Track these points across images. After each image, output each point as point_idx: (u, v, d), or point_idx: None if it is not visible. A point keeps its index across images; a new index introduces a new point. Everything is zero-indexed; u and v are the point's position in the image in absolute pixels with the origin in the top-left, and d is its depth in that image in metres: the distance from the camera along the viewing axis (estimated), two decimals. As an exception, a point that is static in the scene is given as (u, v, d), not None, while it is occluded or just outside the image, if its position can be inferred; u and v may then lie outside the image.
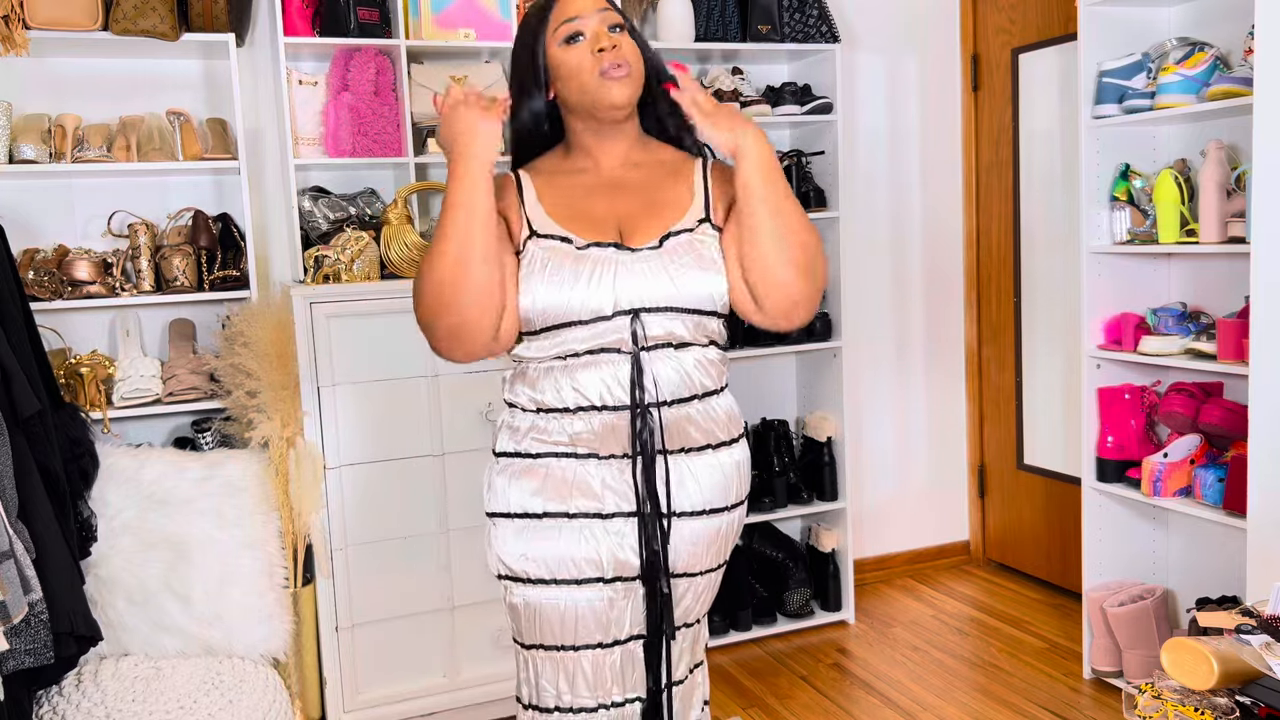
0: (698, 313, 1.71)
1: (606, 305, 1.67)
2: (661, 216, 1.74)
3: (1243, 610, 1.73)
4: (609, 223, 1.73)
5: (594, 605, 1.71)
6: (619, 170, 1.79)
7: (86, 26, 2.75)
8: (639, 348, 1.68)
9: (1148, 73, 2.90)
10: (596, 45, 1.70)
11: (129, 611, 2.46)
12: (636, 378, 1.67)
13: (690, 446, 1.73)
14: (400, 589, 2.91)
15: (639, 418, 1.67)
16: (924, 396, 4.12)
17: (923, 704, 3.05)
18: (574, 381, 1.69)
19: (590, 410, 1.69)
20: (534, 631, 1.75)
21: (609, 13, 1.73)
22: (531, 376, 1.73)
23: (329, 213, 3.06)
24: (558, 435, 1.71)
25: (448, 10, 3.07)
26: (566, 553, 1.70)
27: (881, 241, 3.99)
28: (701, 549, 1.76)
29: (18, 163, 2.75)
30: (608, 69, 1.69)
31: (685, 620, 1.79)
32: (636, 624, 1.73)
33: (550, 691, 1.75)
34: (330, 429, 2.80)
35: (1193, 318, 2.93)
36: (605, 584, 1.71)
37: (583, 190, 1.77)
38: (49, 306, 2.78)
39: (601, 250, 1.69)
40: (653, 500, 1.69)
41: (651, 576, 1.71)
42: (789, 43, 3.47)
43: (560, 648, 1.74)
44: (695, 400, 1.73)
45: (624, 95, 1.71)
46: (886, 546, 4.11)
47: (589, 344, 1.68)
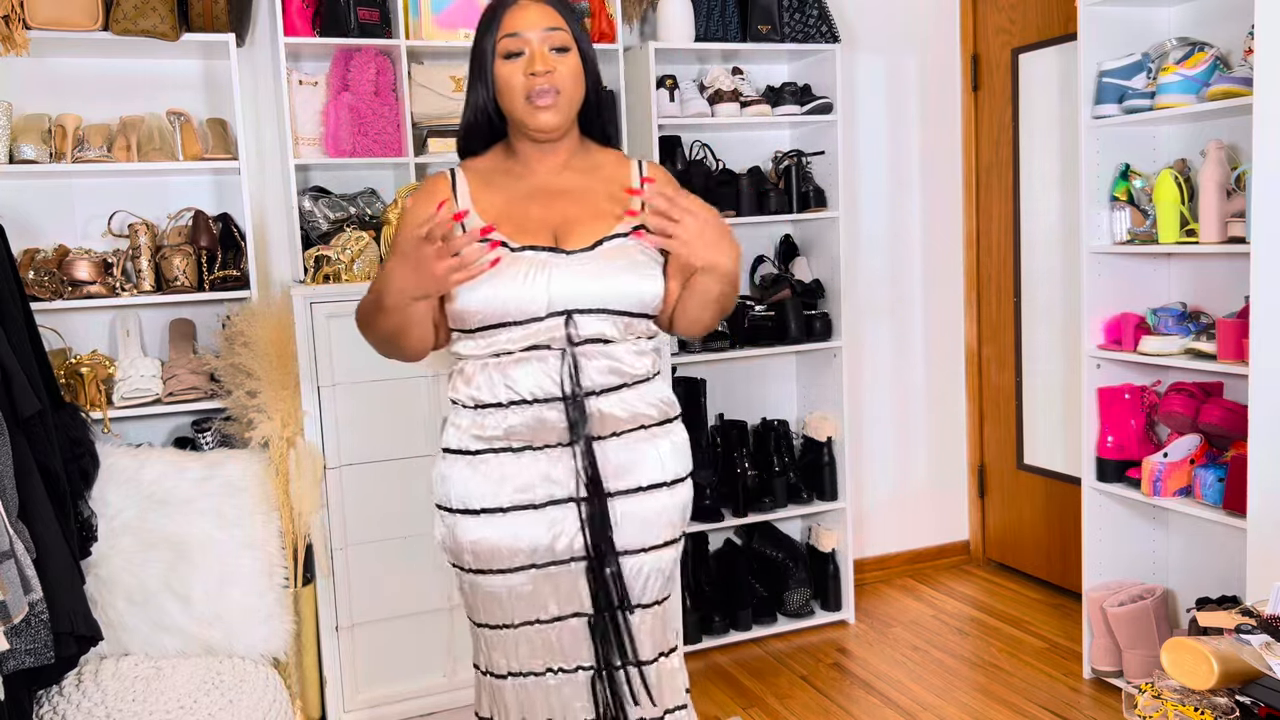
0: (628, 314, 1.78)
1: (540, 306, 1.73)
2: (597, 222, 1.80)
3: (1242, 610, 1.73)
4: (545, 227, 1.78)
5: (527, 589, 1.79)
6: (556, 176, 1.84)
7: (87, 26, 2.76)
8: (572, 345, 1.74)
9: (1148, 73, 2.90)
10: (530, 68, 1.74)
11: (129, 611, 2.46)
12: (571, 374, 1.74)
13: (622, 430, 1.79)
14: (400, 589, 2.91)
15: (573, 409, 1.74)
16: (924, 396, 4.12)
17: (923, 704, 3.05)
18: (506, 378, 1.76)
19: (523, 404, 1.75)
20: (480, 611, 1.84)
21: (555, 32, 1.77)
22: (469, 374, 1.80)
23: (329, 213, 3.06)
24: (494, 430, 1.78)
25: (448, 10, 3.07)
26: (503, 543, 1.78)
27: (881, 241, 3.99)
28: (647, 525, 1.81)
29: (18, 163, 2.75)
30: (534, 96, 1.74)
31: (643, 600, 1.83)
32: (572, 603, 1.80)
33: (501, 660, 1.85)
34: (330, 429, 2.80)
35: (1193, 318, 2.93)
36: (538, 569, 1.78)
37: (520, 194, 1.82)
38: (49, 306, 2.78)
39: (536, 253, 1.75)
40: (592, 485, 1.75)
41: (598, 556, 1.77)
42: (789, 43, 3.47)
43: (504, 625, 1.83)
44: (625, 388, 1.80)
45: (550, 123, 1.77)
46: (886, 546, 4.11)
47: (522, 343, 1.75)
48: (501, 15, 1.77)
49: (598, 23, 3.26)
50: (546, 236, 1.77)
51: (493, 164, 1.87)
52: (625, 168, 1.89)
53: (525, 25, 1.76)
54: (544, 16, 1.77)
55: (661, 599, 1.86)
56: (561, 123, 1.79)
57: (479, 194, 1.82)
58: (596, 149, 1.90)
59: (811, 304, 3.56)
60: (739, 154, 3.67)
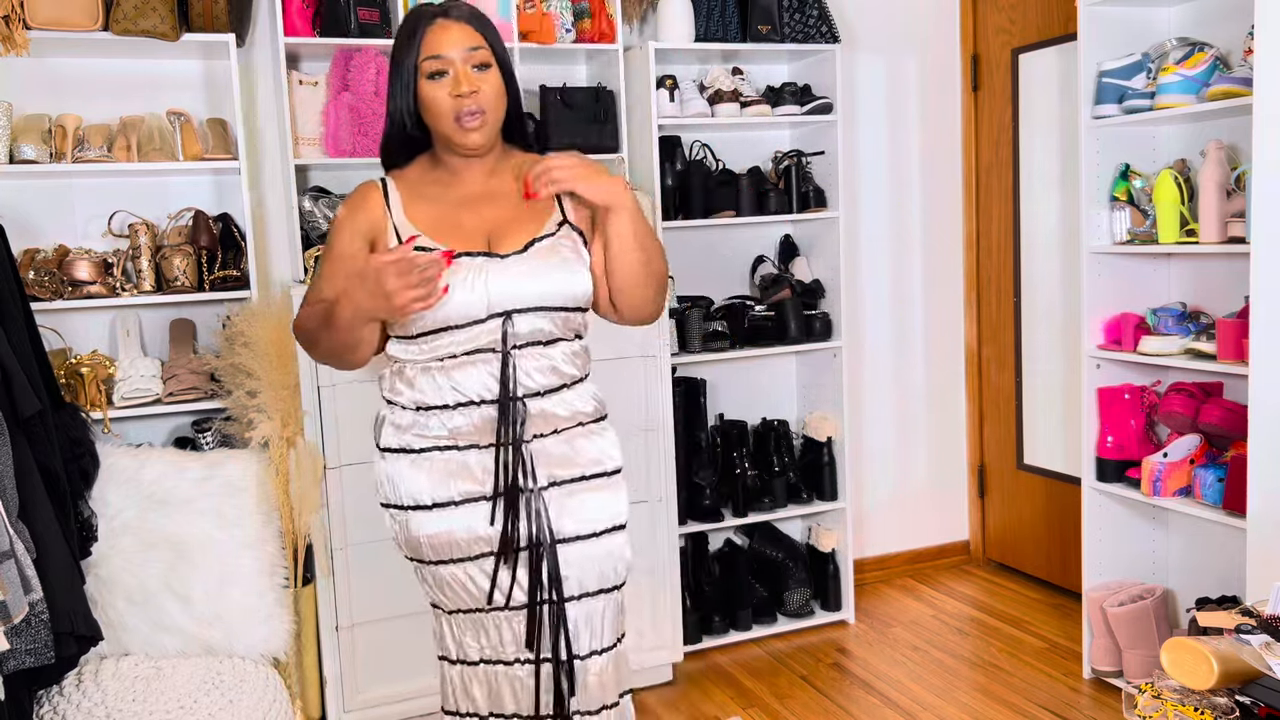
0: (564, 310, 1.86)
1: (480, 309, 1.79)
2: (526, 224, 1.87)
3: (1242, 610, 1.73)
4: (478, 233, 1.85)
5: (477, 576, 1.86)
6: (481, 182, 1.90)
7: (87, 27, 2.76)
8: (509, 346, 1.81)
9: (1147, 73, 2.90)
10: (457, 89, 1.80)
11: (129, 611, 2.46)
12: (508, 374, 1.81)
13: (561, 428, 1.88)
14: (400, 589, 2.90)
15: (508, 409, 1.81)
16: (924, 396, 4.12)
17: (923, 704, 3.05)
18: (452, 380, 1.82)
19: (470, 405, 1.83)
20: (449, 600, 1.90)
21: (476, 51, 1.82)
22: (409, 376, 1.85)
23: (329, 213, 3.06)
24: (438, 430, 1.84)
25: (448, 10, 3.07)
26: (458, 535, 1.84)
27: (881, 241, 3.99)
28: (585, 517, 1.88)
29: (18, 163, 2.75)
30: (463, 116, 1.81)
31: (583, 589, 1.88)
32: (523, 592, 1.85)
33: (474, 646, 1.91)
34: (330, 429, 2.80)
35: (1192, 318, 2.93)
36: (486, 558, 1.85)
37: (450, 203, 1.88)
38: (49, 306, 2.78)
39: (471, 259, 1.81)
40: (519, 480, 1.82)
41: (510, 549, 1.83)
42: (789, 43, 3.47)
43: (477, 610, 1.88)
44: (564, 389, 1.88)
45: (478, 141, 1.84)
46: (886, 546, 4.11)
47: (466, 346, 1.81)
48: (423, 35, 1.82)
49: (598, 23, 3.26)
50: (480, 242, 1.84)
51: (420, 174, 1.92)
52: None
53: (447, 46, 1.81)
54: (465, 36, 1.82)
55: (610, 587, 1.91)
56: (489, 140, 1.86)
57: (410, 204, 1.88)
58: (519, 154, 1.95)
59: (811, 304, 3.56)
60: (739, 154, 3.67)
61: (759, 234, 3.74)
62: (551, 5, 3.20)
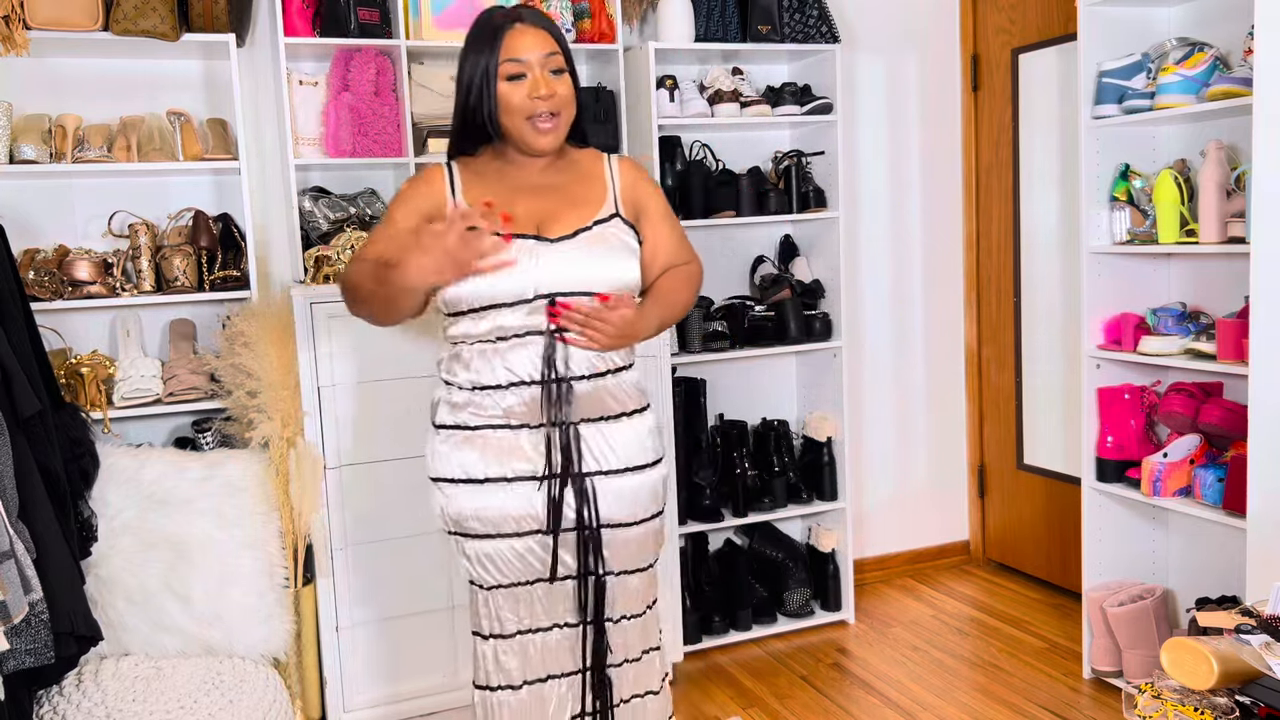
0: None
1: (528, 290, 1.90)
2: (577, 212, 2.00)
3: (1242, 610, 1.73)
4: (530, 219, 1.97)
5: (534, 550, 1.97)
6: (538, 174, 2.04)
7: (87, 27, 2.76)
8: (553, 329, 1.92)
9: (1147, 73, 2.90)
10: (535, 91, 1.94)
11: (129, 611, 2.46)
12: (553, 354, 1.92)
13: (607, 415, 1.99)
14: (400, 589, 2.91)
15: (552, 390, 1.92)
16: (924, 396, 4.13)
17: (923, 704, 3.05)
18: (505, 361, 1.93)
19: (521, 385, 1.93)
20: (490, 574, 2.00)
21: (553, 56, 1.97)
22: (466, 358, 1.96)
23: (329, 213, 3.06)
24: (493, 409, 1.95)
25: (448, 11, 3.07)
26: (508, 510, 1.95)
27: (881, 241, 3.99)
28: (626, 503, 2.00)
29: (18, 163, 2.75)
30: (538, 120, 1.95)
31: (624, 567, 2.03)
32: (567, 567, 2.00)
33: (511, 619, 2.01)
34: (330, 429, 2.80)
35: (1192, 318, 2.93)
36: (544, 534, 1.96)
37: (507, 190, 2.00)
38: (49, 306, 2.78)
39: (523, 241, 1.92)
40: (565, 462, 1.94)
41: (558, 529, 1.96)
42: (789, 43, 3.47)
43: (515, 584, 2.00)
44: (609, 375, 1.99)
45: (549, 144, 1.98)
46: (886, 546, 4.11)
47: (518, 328, 1.92)
48: (503, 38, 1.94)
49: (598, 23, 3.26)
50: (531, 227, 1.95)
51: (483, 163, 2.05)
52: (599, 163, 2.09)
53: (527, 50, 1.94)
54: (543, 42, 1.95)
55: (646, 566, 2.07)
56: (558, 144, 2.00)
57: (470, 188, 2.00)
58: (573, 149, 2.09)
59: (811, 304, 3.56)
60: (739, 154, 3.67)
61: (759, 234, 3.74)
62: (551, 5, 3.20)
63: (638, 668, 2.10)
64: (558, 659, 2.03)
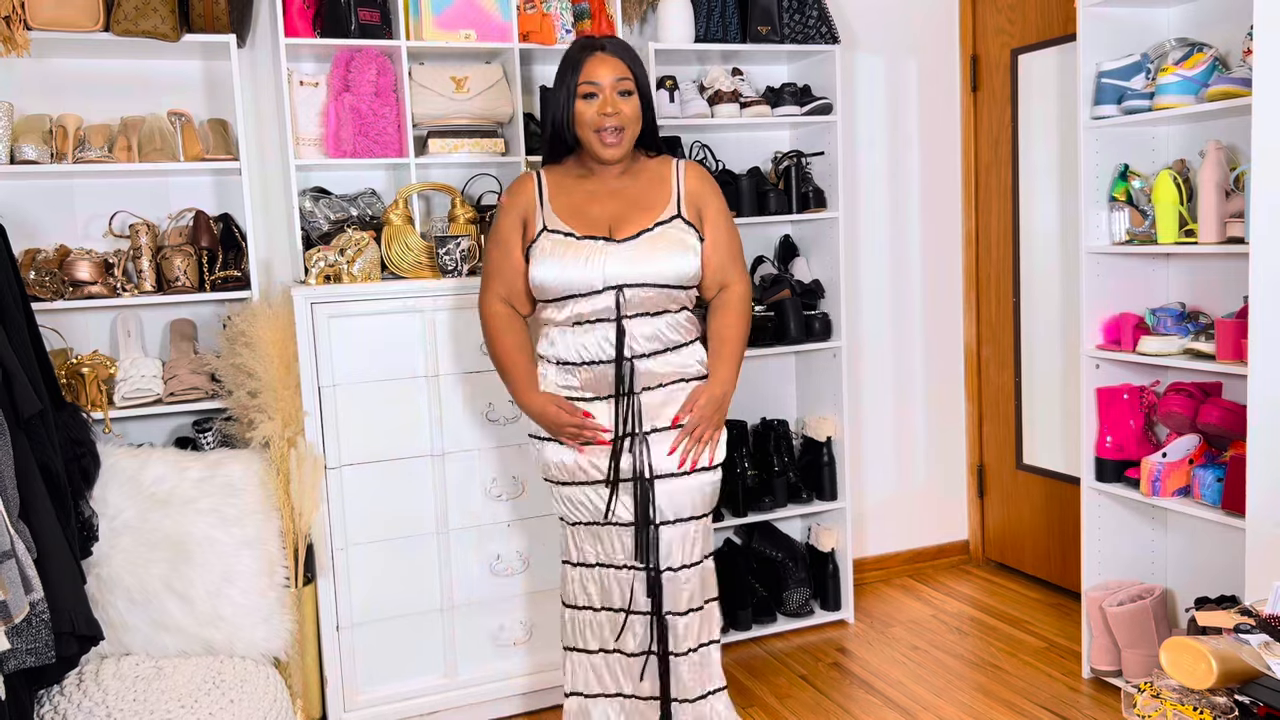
0: (668, 287, 2.34)
1: (597, 282, 2.31)
2: (643, 215, 2.37)
3: (1241, 610, 1.74)
4: (603, 221, 2.37)
5: (595, 497, 2.39)
6: (613, 181, 2.42)
7: (87, 27, 2.76)
8: (621, 315, 2.31)
9: (1147, 73, 2.90)
10: (603, 109, 2.32)
11: (130, 611, 2.46)
12: (621, 338, 2.32)
13: (664, 383, 2.37)
14: (400, 589, 2.92)
15: (620, 366, 2.33)
16: (923, 396, 4.13)
17: (922, 703, 3.06)
18: (581, 341, 2.35)
19: (591, 364, 2.35)
20: (572, 513, 2.43)
21: (622, 80, 2.34)
22: (553, 337, 2.40)
23: (330, 213, 3.06)
24: (571, 380, 2.38)
25: (448, 11, 3.08)
26: (581, 463, 2.39)
27: (881, 241, 4.00)
28: (677, 459, 2.37)
29: (19, 163, 2.75)
30: (604, 133, 2.33)
31: (678, 515, 2.37)
32: (627, 512, 2.37)
33: (591, 551, 2.44)
34: (330, 429, 2.80)
35: (1191, 318, 2.94)
36: (603, 484, 2.37)
37: (585, 195, 2.41)
38: (50, 307, 2.78)
39: (594, 241, 2.34)
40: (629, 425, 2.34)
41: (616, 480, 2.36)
42: (789, 43, 3.47)
43: (594, 523, 2.41)
44: (669, 351, 2.37)
45: (613, 155, 2.36)
46: (886, 546, 4.11)
47: (591, 315, 2.33)
48: (583, 64, 2.33)
49: (598, 23, 3.26)
50: (603, 229, 2.36)
51: (566, 170, 2.45)
52: (668, 168, 2.44)
53: (600, 74, 2.32)
54: (615, 68, 2.33)
55: (699, 515, 2.40)
56: (622, 155, 2.37)
57: (555, 194, 2.42)
58: (645, 157, 2.47)
59: (811, 304, 3.57)
60: (739, 154, 3.68)
61: (759, 234, 3.74)
62: (551, 6, 3.21)
63: (702, 615, 2.43)
64: (629, 594, 2.40)
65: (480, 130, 3.16)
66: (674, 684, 2.43)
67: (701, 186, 2.42)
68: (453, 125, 3.14)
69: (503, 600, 3.00)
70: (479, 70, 3.16)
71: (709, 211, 2.42)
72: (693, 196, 2.41)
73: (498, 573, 2.98)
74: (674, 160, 2.45)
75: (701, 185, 2.43)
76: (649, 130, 2.42)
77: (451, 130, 3.13)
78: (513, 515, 2.99)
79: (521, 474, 2.98)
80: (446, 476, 2.92)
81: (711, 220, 2.42)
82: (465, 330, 2.90)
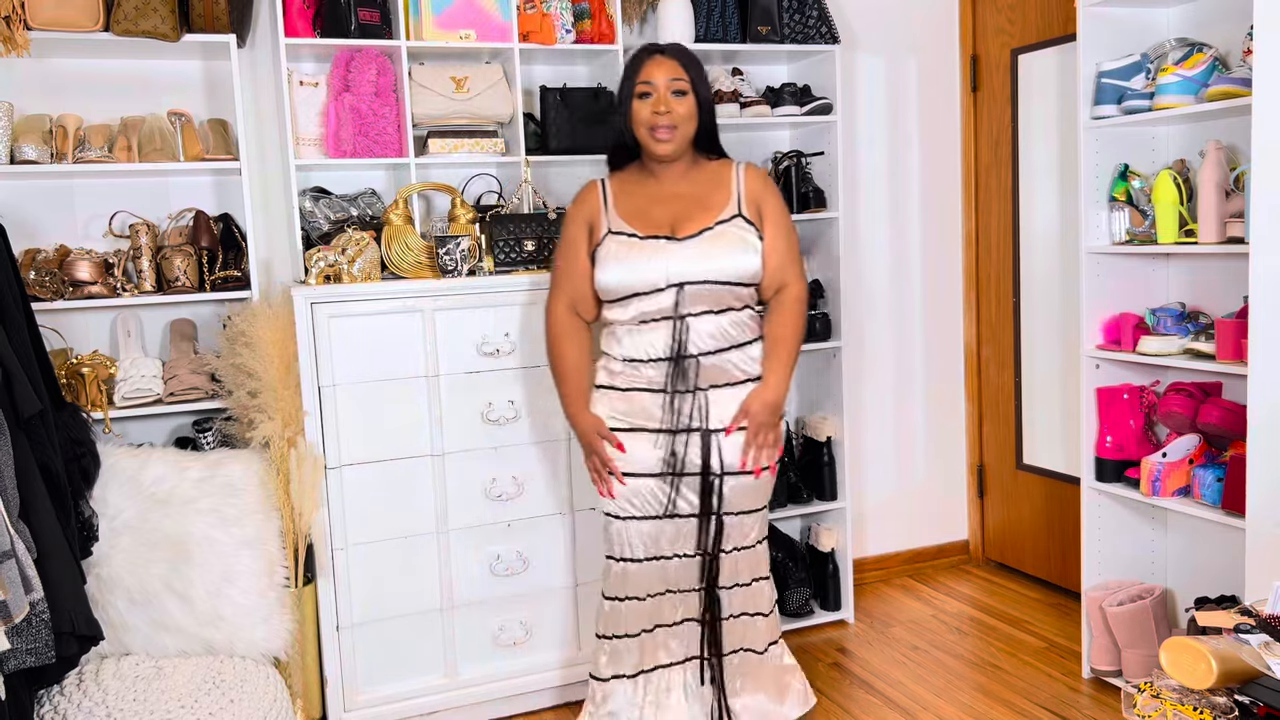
0: (729, 284, 2.43)
1: (659, 280, 2.41)
2: (703, 215, 2.47)
3: (1241, 610, 1.74)
4: (664, 221, 2.47)
5: (656, 490, 2.48)
6: (674, 184, 2.52)
7: (87, 27, 2.76)
8: (683, 312, 2.41)
9: (1146, 73, 2.90)
10: (656, 107, 2.42)
11: (130, 611, 2.46)
12: (682, 335, 2.41)
13: (730, 381, 2.46)
14: (400, 589, 2.92)
15: (679, 364, 2.42)
16: (923, 396, 4.13)
17: (922, 703, 3.06)
18: (646, 339, 2.45)
19: (658, 361, 2.44)
20: (624, 507, 2.50)
21: (676, 81, 2.44)
22: (619, 335, 2.50)
23: (330, 213, 3.07)
24: (637, 377, 2.47)
25: (448, 11, 3.08)
26: (643, 455, 2.47)
27: (881, 241, 4.00)
28: (739, 453, 2.47)
29: (19, 163, 2.75)
30: (656, 130, 2.43)
31: (730, 509, 2.49)
32: (689, 505, 2.48)
33: (639, 545, 2.52)
34: (331, 429, 2.80)
35: (1191, 318, 2.94)
36: (663, 477, 2.46)
37: (646, 198, 2.51)
38: (50, 307, 2.78)
39: (656, 241, 2.44)
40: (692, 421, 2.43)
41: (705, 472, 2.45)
42: (788, 43, 3.47)
43: (644, 517, 2.49)
44: (732, 349, 2.46)
45: (665, 151, 2.45)
46: (886, 546, 4.11)
47: (655, 313, 2.43)
48: (641, 66, 2.46)
49: (598, 23, 3.26)
50: (665, 228, 2.46)
51: (630, 175, 2.56)
52: (728, 170, 2.54)
53: (655, 75, 2.44)
54: (670, 70, 2.44)
55: (758, 508, 2.54)
56: (675, 151, 2.46)
57: (619, 198, 2.53)
58: (705, 160, 2.57)
59: (811, 304, 3.57)
60: (739, 154, 3.64)
61: (759, 234, 3.73)
62: (551, 6, 3.21)
63: (747, 591, 2.56)
64: (678, 579, 2.53)
65: (480, 130, 3.16)
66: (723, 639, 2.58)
67: (762, 187, 2.51)
68: (453, 125, 3.14)
69: (503, 600, 3.00)
70: (479, 70, 3.16)
71: (769, 211, 2.50)
72: (753, 196, 2.50)
73: (498, 573, 2.98)
74: (734, 163, 2.55)
75: (762, 186, 2.51)
76: (709, 133, 2.52)
77: (451, 130, 3.13)
78: (513, 515, 2.99)
79: (521, 474, 2.98)
80: (446, 476, 2.92)
81: (771, 220, 2.49)
82: (465, 330, 2.90)
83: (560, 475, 3.01)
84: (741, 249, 2.43)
